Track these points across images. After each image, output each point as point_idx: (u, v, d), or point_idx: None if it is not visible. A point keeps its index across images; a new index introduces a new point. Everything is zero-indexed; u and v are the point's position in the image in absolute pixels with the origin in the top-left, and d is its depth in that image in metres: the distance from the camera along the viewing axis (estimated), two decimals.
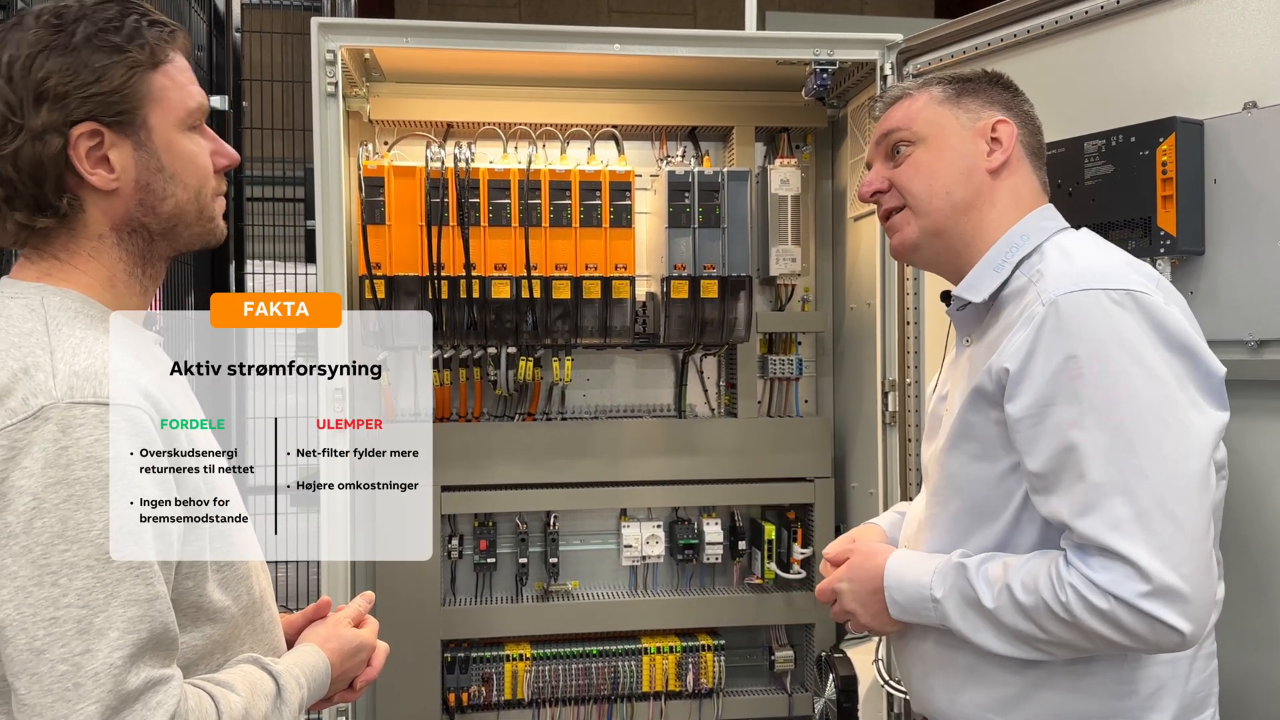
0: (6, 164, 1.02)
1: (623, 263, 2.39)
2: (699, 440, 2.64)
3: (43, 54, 1.02)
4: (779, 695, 2.70)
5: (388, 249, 2.31)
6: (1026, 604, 1.14)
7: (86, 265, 1.08)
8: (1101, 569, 1.08)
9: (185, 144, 1.10)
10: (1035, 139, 1.35)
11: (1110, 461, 1.10)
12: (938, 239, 1.32)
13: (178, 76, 1.09)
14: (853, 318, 2.67)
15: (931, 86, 1.36)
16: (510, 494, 2.56)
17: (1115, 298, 1.13)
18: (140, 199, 1.08)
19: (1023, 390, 1.15)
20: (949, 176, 1.31)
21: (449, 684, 2.51)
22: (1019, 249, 1.26)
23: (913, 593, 1.25)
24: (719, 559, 2.64)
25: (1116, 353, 1.11)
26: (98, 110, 1.03)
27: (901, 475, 2.23)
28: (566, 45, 2.20)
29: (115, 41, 1.03)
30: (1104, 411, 1.11)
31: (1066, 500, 1.12)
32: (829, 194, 2.76)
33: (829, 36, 2.26)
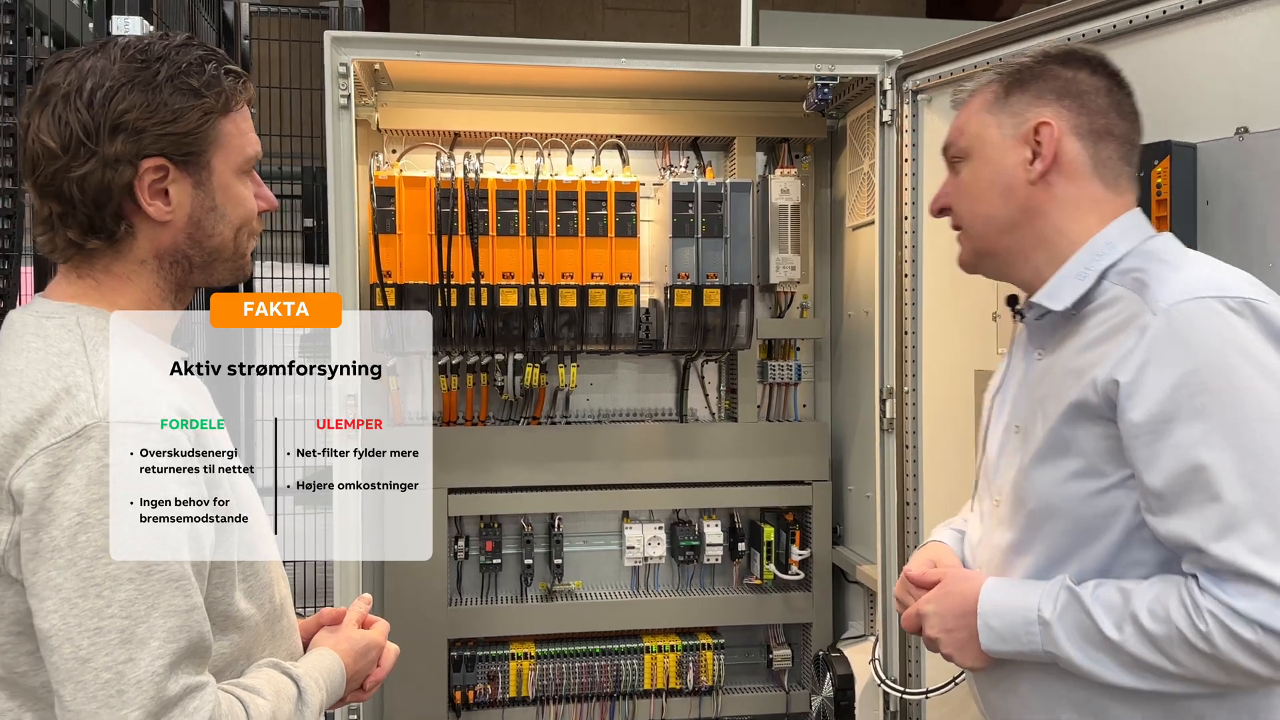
0: (73, 185, 1.06)
1: (627, 271, 2.44)
2: (700, 444, 2.70)
3: (125, 87, 1.07)
4: (777, 693, 2.77)
5: (398, 257, 2.36)
6: (1156, 634, 1.05)
7: (124, 288, 1.12)
8: (1243, 596, 1.01)
9: (238, 187, 1.16)
10: (1100, 118, 1.23)
11: (1246, 481, 1.03)
12: (992, 258, 1.28)
13: (242, 124, 1.15)
14: (850, 325, 2.72)
15: (989, 85, 1.28)
16: (515, 496, 2.61)
17: (1234, 306, 1.06)
18: (189, 233, 1.13)
19: (1138, 403, 1.07)
20: (988, 199, 1.25)
21: (455, 682, 2.57)
22: (1104, 256, 1.19)
23: (1014, 617, 1.15)
24: (719, 560, 2.70)
25: (1241, 365, 1.04)
26: (169, 148, 1.09)
27: (898, 480, 2.28)
28: (574, 59, 2.25)
29: (194, 86, 1.09)
30: (1234, 428, 1.04)
31: (1198, 522, 1.04)
32: (828, 203, 2.82)
33: (830, 52, 2.31)
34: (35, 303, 1.13)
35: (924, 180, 2.22)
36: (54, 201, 1.08)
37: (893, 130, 2.27)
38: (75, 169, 1.06)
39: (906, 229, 2.24)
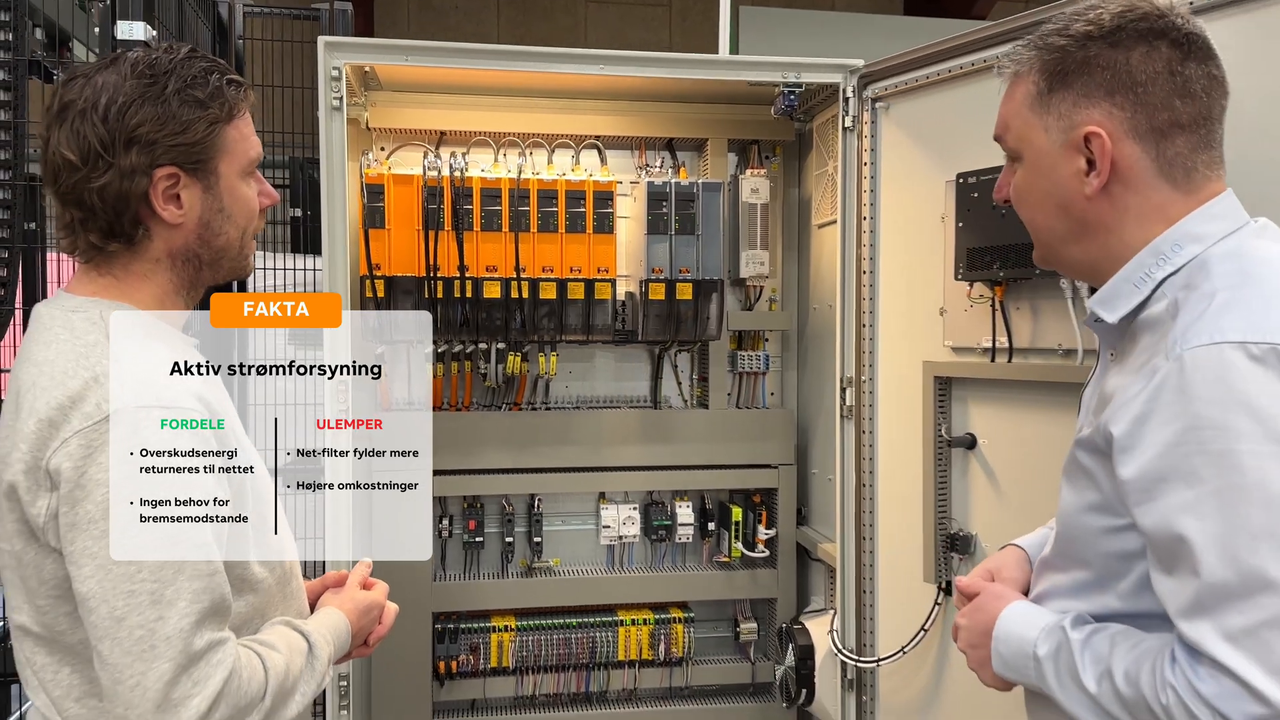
0: (93, 194, 1.15)
1: (604, 266, 2.57)
2: (672, 429, 2.82)
3: (137, 103, 1.16)
4: (743, 664, 2.91)
5: (387, 251, 2.48)
6: (1127, 696, 1.01)
7: (141, 285, 1.22)
8: (1209, 679, 0.93)
9: (242, 188, 1.26)
10: (1161, 112, 1.06)
11: (1228, 559, 0.93)
12: (1060, 263, 1.18)
13: (244, 130, 1.25)
14: (815, 317, 2.87)
15: (1031, 73, 1.13)
16: (497, 478, 2.73)
17: (1256, 354, 0.94)
18: (199, 233, 1.23)
19: (1131, 459, 1.00)
20: (1045, 211, 1.14)
21: (439, 653, 2.69)
22: (1167, 261, 1.06)
23: (1017, 647, 1.13)
24: (690, 539, 2.84)
25: (1247, 427, 0.93)
26: (179, 157, 1.18)
27: (856, 465, 2.42)
28: (556, 65, 2.37)
29: (199, 97, 1.18)
30: (1226, 498, 0.94)
31: (1176, 595, 0.98)
32: (795, 202, 2.96)
33: (796, 61, 2.44)
34: (59, 298, 1.23)
35: (881, 184, 2.35)
36: (75, 209, 1.18)
37: (854, 136, 2.40)
38: (95, 179, 1.15)
39: (865, 229, 2.37)
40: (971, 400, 2.11)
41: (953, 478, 2.16)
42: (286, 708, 1.18)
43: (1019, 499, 2.01)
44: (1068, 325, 1.80)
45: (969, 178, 2.01)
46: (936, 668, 2.24)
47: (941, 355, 2.15)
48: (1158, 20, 1.06)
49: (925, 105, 2.24)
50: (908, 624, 2.25)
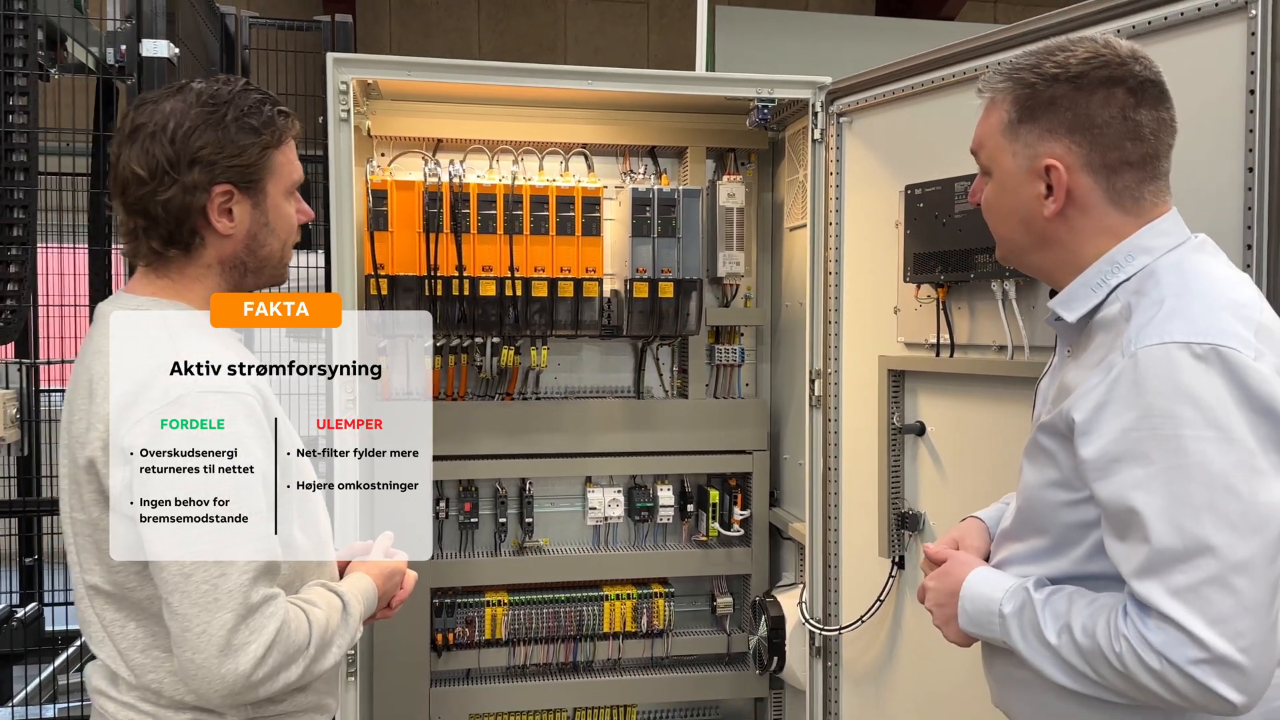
0: (157, 205, 1.32)
1: (592, 266, 2.76)
2: (654, 418, 3.00)
3: (200, 128, 1.33)
4: (719, 635, 3.10)
5: (390, 252, 2.67)
6: (1084, 646, 1.13)
7: (194, 286, 1.39)
8: (1157, 629, 1.06)
9: (285, 206, 1.42)
10: (1113, 151, 1.19)
11: (1173, 528, 1.06)
12: (1020, 265, 1.33)
13: (290, 154, 1.42)
14: (787, 314, 3.07)
15: (1005, 101, 1.25)
16: (491, 463, 2.90)
17: (1199, 353, 1.07)
18: (247, 244, 1.39)
19: (1091, 441, 1.12)
20: (1010, 224, 1.27)
21: (437, 626, 2.87)
22: (1121, 270, 1.20)
23: (983, 605, 1.25)
24: (670, 519, 3.02)
25: (1191, 414, 1.06)
26: (235, 176, 1.35)
27: (823, 450, 2.62)
28: (550, 81, 2.57)
29: (254, 125, 1.35)
30: (1172, 476, 1.07)
31: (1128, 558, 1.10)
32: (769, 206, 3.15)
33: (770, 78, 2.64)
34: (121, 297, 1.40)
35: (845, 192, 2.55)
36: (140, 218, 1.35)
37: (821, 147, 2.60)
38: (161, 193, 1.32)
39: (831, 233, 2.57)
40: (921, 391, 2.32)
41: (904, 462, 2.37)
42: (325, 658, 1.34)
43: (961, 480, 2.22)
44: (1000, 325, 2.00)
45: (916, 189, 2.21)
46: (891, 635, 2.44)
47: (895, 350, 2.36)
48: (1118, 68, 1.18)
49: (881, 120, 2.44)
50: (867, 596, 2.46)
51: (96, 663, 1.40)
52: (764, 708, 3.13)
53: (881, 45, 7.15)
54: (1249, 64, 1.53)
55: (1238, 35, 1.54)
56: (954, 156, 2.11)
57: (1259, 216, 1.49)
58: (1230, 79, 1.55)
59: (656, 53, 8.88)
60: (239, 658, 1.22)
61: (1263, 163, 1.50)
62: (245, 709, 1.34)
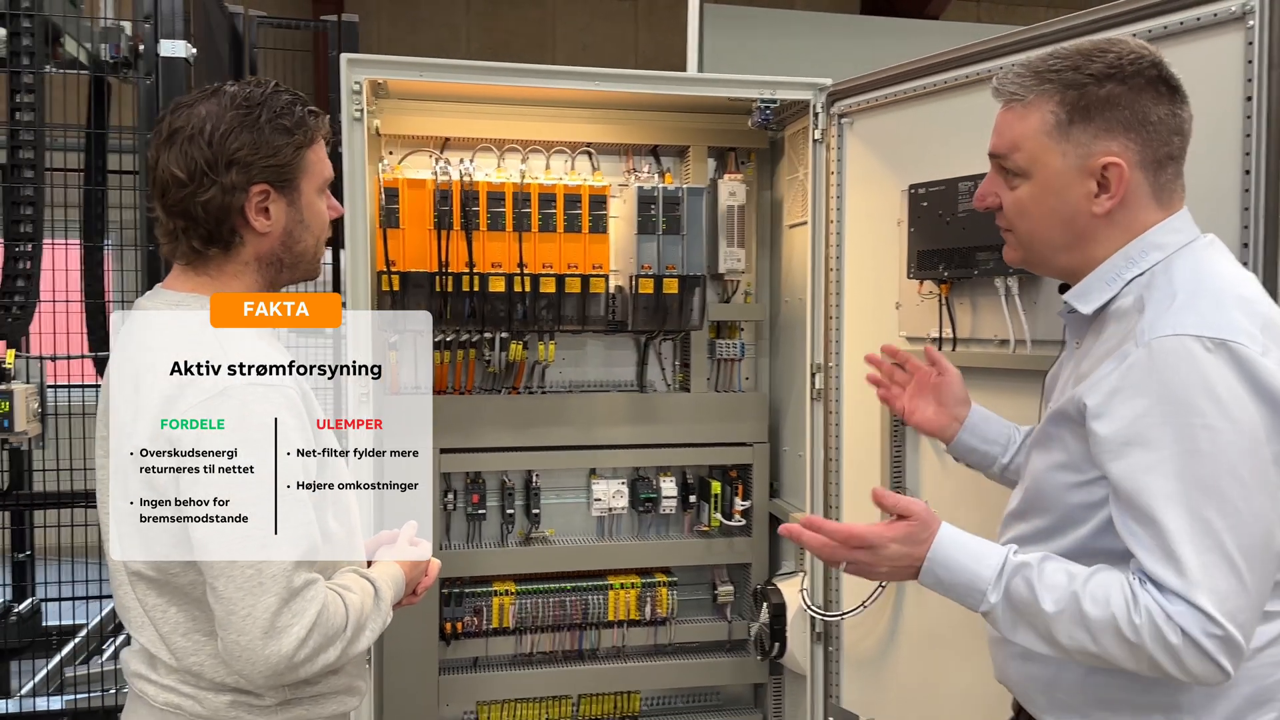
0: (197, 206, 1.37)
1: (599, 262, 2.82)
2: (657, 411, 3.06)
3: (237, 130, 1.38)
4: (720, 622, 3.17)
5: (402, 248, 2.71)
6: (1093, 616, 1.15)
7: (232, 283, 1.44)
8: (1173, 602, 1.12)
9: (318, 203, 1.47)
10: (1163, 148, 1.25)
11: (1185, 509, 1.11)
12: (1041, 265, 1.37)
13: (321, 153, 1.46)
14: (786, 310, 3.14)
15: (1046, 102, 1.26)
16: (498, 455, 2.95)
17: (1208, 345, 1.12)
18: (283, 241, 1.44)
19: (1105, 424, 1.17)
20: (1048, 225, 1.29)
21: (446, 615, 2.92)
22: (1135, 265, 1.25)
23: (964, 580, 1.25)
24: (673, 510, 3.08)
25: (1202, 403, 1.11)
26: (270, 176, 1.40)
27: (824, 441, 2.70)
28: (559, 81, 2.64)
29: (287, 126, 1.40)
30: (1182, 461, 1.12)
31: (1139, 538, 1.15)
32: (769, 204, 3.22)
33: (771, 80, 2.71)
34: (160, 294, 1.45)
35: (846, 191, 2.63)
36: (180, 219, 1.40)
37: (822, 147, 2.68)
38: (200, 194, 1.37)
39: (833, 231, 2.64)
40: None
41: (906, 451, 2.45)
42: (360, 640, 1.40)
43: (960, 468, 2.28)
44: (1002, 319, 2.08)
45: (919, 189, 2.28)
46: (892, 621, 2.52)
47: (897, 344, 2.43)
48: (1160, 68, 1.25)
49: (883, 122, 2.52)
50: (867, 583, 2.53)
51: (133, 648, 1.45)
52: (763, 693, 3.21)
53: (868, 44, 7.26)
54: (1246, 72, 1.60)
55: (1236, 44, 1.62)
56: (955, 158, 2.20)
57: (1255, 217, 1.58)
58: (1229, 86, 1.62)
59: (645, 50, 8.94)
60: (282, 639, 1.27)
61: (1259, 166, 1.58)
62: (283, 690, 1.40)
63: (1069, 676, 1.28)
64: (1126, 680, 1.22)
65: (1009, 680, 1.40)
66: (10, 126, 2.91)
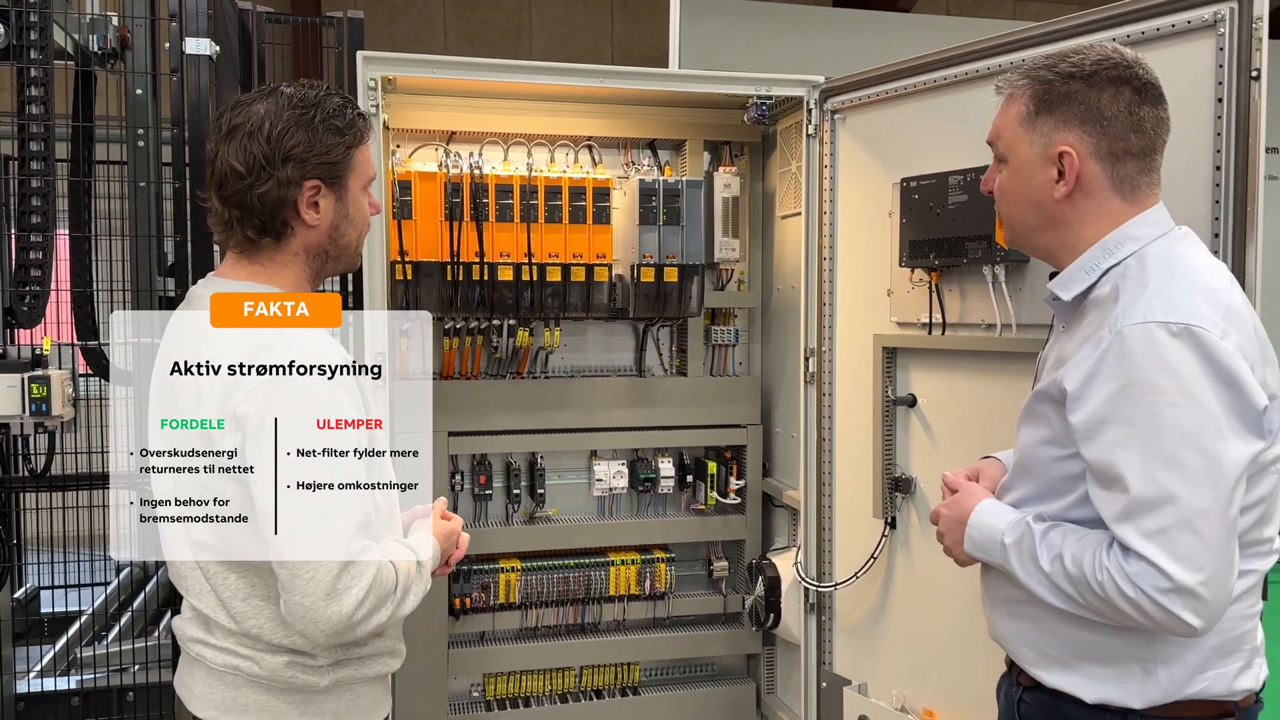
0: (254, 198, 1.45)
1: (602, 252, 2.93)
2: (655, 395, 3.18)
3: (293, 128, 1.46)
4: (716, 596, 3.31)
5: (414, 239, 2.81)
6: (1072, 573, 1.31)
7: (282, 272, 1.52)
8: (1133, 564, 1.25)
9: (362, 200, 1.55)
10: (1119, 142, 1.36)
11: (1148, 480, 1.23)
12: (1025, 246, 1.50)
13: (367, 154, 1.54)
14: (779, 297, 3.27)
15: (1023, 96, 1.41)
16: (503, 438, 3.06)
17: (1173, 330, 1.23)
18: (330, 234, 1.52)
19: (1081, 407, 1.29)
20: (1022, 206, 1.43)
21: (454, 591, 3.03)
22: (1112, 255, 1.36)
23: (988, 534, 1.43)
24: (671, 490, 3.21)
25: (1166, 383, 1.23)
26: (323, 173, 1.47)
27: (818, 422, 2.84)
28: (563, 78, 2.76)
29: (339, 126, 1.48)
30: (1148, 436, 1.23)
31: (1110, 505, 1.28)
32: (761, 196, 3.34)
33: (766, 77, 2.84)
34: (214, 281, 1.54)
35: (839, 184, 2.77)
36: (236, 209, 1.48)
37: (815, 142, 2.81)
38: (258, 187, 1.45)
39: (825, 222, 2.78)
40: (913, 366, 2.54)
41: (897, 431, 2.60)
42: (406, 602, 1.49)
43: (950, 447, 2.45)
44: (990, 305, 2.22)
45: (911, 182, 2.41)
46: (883, 590, 2.67)
47: (888, 329, 2.58)
48: (1125, 70, 1.36)
49: (875, 118, 2.65)
50: (860, 554, 2.69)
51: (186, 615, 1.55)
52: (756, 663, 3.36)
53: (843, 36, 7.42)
54: (1218, 75, 1.75)
55: (1208, 50, 1.77)
56: (945, 153, 2.33)
57: (1225, 210, 1.73)
58: (1201, 89, 1.77)
59: (622, 40, 9.02)
60: (343, 600, 1.37)
61: (1229, 164, 1.73)
62: (334, 651, 1.50)
63: (1054, 631, 1.41)
64: (1106, 634, 1.35)
65: (1001, 637, 1.52)
66: (19, 121, 2.95)
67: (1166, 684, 1.34)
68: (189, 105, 2.62)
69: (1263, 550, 1.37)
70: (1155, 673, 1.35)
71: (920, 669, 2.55)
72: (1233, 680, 1.36)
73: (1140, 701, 1.35)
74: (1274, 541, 1.39)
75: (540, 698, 3.17)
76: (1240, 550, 1.30)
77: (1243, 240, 1.71)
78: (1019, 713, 1.50)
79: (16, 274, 3.02)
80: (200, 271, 2.89)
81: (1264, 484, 1.33)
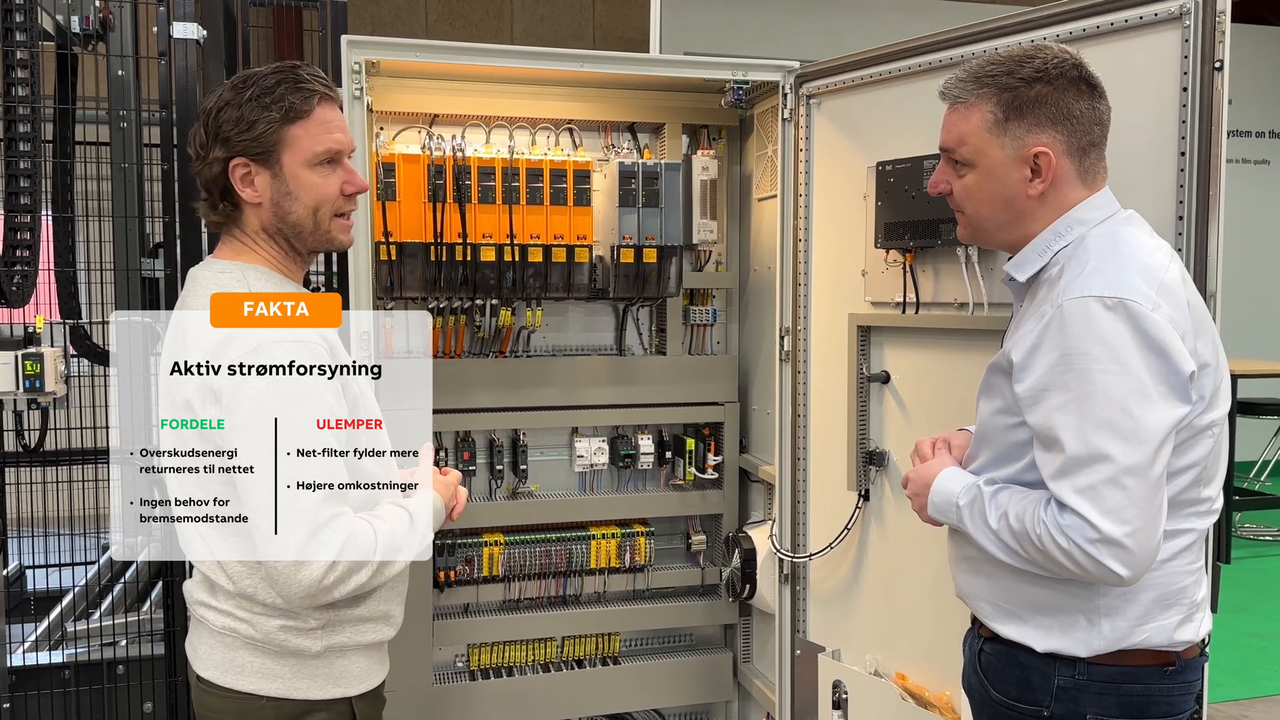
0: (204, 179, 1.55)
1: (583, 234, 2.98)
2: (635, 373, 3.25)
3: (226, 108, 1.52)
4: (694, 569, 3.39)
5: (398, 220, 2.86)
6: (1016, 529, 1.42)
7: (257, 249, 1.59)
8: (1066, 517, 1.35)
9: (309, 176, 1.55)
10: (1085, 136, 1.46)
11: (1081, 440, 1.34)
12: (987, 240, 1.61)
13: (309, 128, 1.53)
14: (755, 278, 3.35)
15: (985, 103, 1.48)
16: (486, 415, 3.13)
17: (1108, 304, 1.33)
18: (274, 211, 1.56)
19: (1025, 376, 1.40)
20: (991, 206, 1.51)
21: (439, 564, 3.09)
22: (1062, 238, 1.47)
23: (945, 498, 1.55)
24: (650, 465, 3.28)
25: (1100, 352, 1.33)
26: (247, 150, 1.52)
27: (792, 399, 2.92)
28: (544, 62, 2.80)
29: (266, 103, 1.51)
30: (1083, 400, 1.34)
31: (1048, 464, 1.39)
32: (738, 178, 3.41)
33: (743, 61, 2.91)
34: (209, 262, 1.62)
35: (814, 167, 2.84)
36: (202, 190, 1.57)
37: (791, 126, 2.88)
38: (203, 169, 1.54)
39: (801, 204, 2.85)
40: (886, 344, 2.63)
41: (871, 406, 2.69)
42: (393, 564, 1.57)
43: (922, 421, 2.54)
44: (962, 284, 2.30)
45: (886, 165, 2.49)
46: (856, 560, 2.77)
47: (863, 308, 2.66)
48: (1079, 69, 1.48)
49: (850, 103, 2.72)
50: (834, 526, 2.78)
51: (195, 579, 1.62)
52: (733, 633, 3.46)
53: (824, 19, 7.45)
54: (1183, 66, 1.82)
55: (1173, 41, 1.84)
56: (917, 138, 2.40)
57: (1189, 194, 1.81)
58: (1167, 79, 1.84)
59: (603, 20, 9.03)
60: (311, 566, 1.43)
61: (1193, 150, 1.80)
62: (323, 614, 1.57)
63: (1007, 587, 1.52)
64: (1053, 587, 1.46)
65: (963, 593, 1.63)
66: (6, 102, 2.98)
67: (1110, 634, 1.45)
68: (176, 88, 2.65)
69: (1201, 510, 1.47)
70: (1099, 624, 1.45)
71: (892, 634, 2.65)
72: (1173, 631, 1.46)
73: (1086, 650, 1.46)
74: (1213, 501, 1.48)
75: (523, 667, 3.24)
76: (1179, 509, 1.42)
77: (1205, 222, 1.79)
78: (980, 663, 1.61)
79: (5, 254, 3.05)
80: (188, 251, 2.94)
81: (1199, 447, 1.42)
